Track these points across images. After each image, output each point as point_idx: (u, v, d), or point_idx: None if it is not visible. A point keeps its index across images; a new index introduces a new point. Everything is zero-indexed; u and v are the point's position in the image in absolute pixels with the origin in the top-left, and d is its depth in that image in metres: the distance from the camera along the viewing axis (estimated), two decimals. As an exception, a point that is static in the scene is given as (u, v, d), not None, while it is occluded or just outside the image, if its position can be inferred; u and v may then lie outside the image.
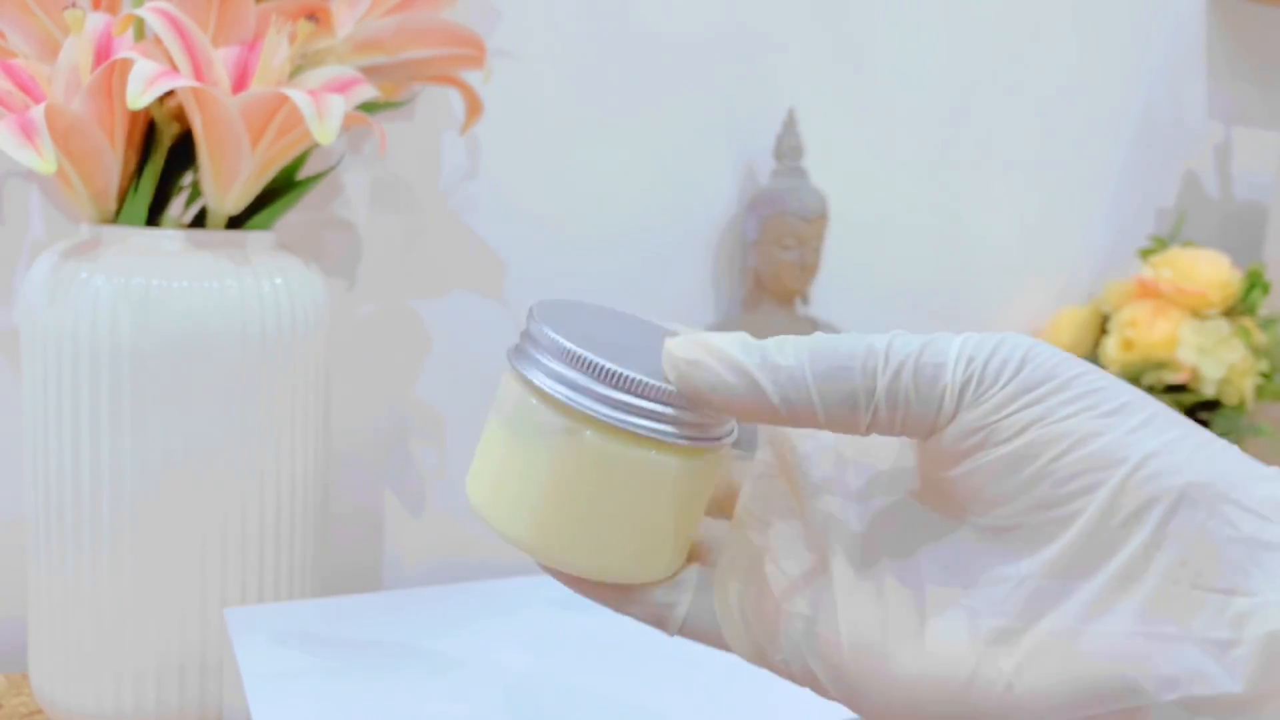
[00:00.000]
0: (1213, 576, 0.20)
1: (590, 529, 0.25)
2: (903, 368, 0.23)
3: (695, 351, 0.24)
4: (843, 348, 0.23)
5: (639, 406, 0.24)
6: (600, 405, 0.25)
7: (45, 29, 0.51)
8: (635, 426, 0.25)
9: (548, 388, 0.25)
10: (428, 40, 0.58)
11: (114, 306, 0.48)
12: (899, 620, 0.23)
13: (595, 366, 0.24)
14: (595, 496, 0.25)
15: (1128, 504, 0.21)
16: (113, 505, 0.49)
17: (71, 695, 0.51)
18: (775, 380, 0.23)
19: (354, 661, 0.44)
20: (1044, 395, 0.22)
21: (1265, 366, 0.87)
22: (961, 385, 0.22)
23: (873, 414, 0.23)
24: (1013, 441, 0.22)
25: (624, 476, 0.25)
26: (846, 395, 0.23)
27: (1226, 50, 1.02)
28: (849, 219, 0.82)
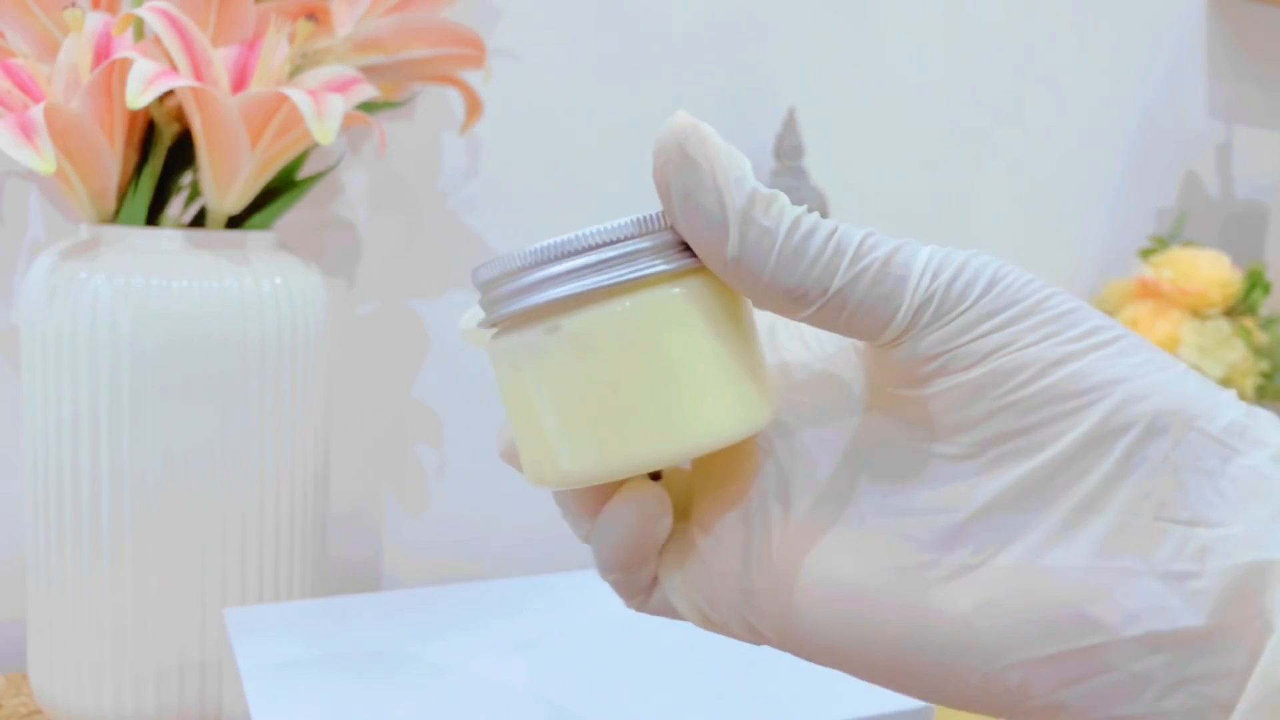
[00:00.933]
0: (1176, 507, 0.19)
1: (649, 405, 0.21)
2: (865, 271, 0.21)
3: (696, 146, 0.21)
4: (819, 234, 0.21)
5: (593, 262, 0.21)
6: (551, 289, 0.22)
7: (45, 28, 0.51)
8: (600, 281, 0.21)
9: (501, 314, 0.23)
10: (427, 40, 0.58)
11: (113, 306, 0.48)
12: (852, 555, 0.22)
13: (526, 256, 0.22)
14: (625, 372, 0.21)
15: (1093, 433, 0.20)
16: (112, 505, 0.49)
17: (71, 695, 0.51)
18: (743, 235, 0.21)
19: (354, 661, 0.44)
20: (1011, 319, 0.21)
21: (1266, 366, 0.87)
22: (921, 302, 0.21)
23: (819, 308, 0.21)
24: (977, 367, 0.21)
25: (638, 335, 0.21)
26: (797, 283, 0.21)
27: (1227, 50, 1.02)
28: (849, 219, 0.82)
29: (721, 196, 0.21)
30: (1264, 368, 0.87)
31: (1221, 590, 0.19)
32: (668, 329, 0.22)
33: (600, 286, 0.21)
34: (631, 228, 0.22)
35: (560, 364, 0.22)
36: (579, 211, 0.75)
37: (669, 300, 0.22)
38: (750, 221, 0.21)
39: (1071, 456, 0.20)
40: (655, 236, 0.22)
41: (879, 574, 0.22)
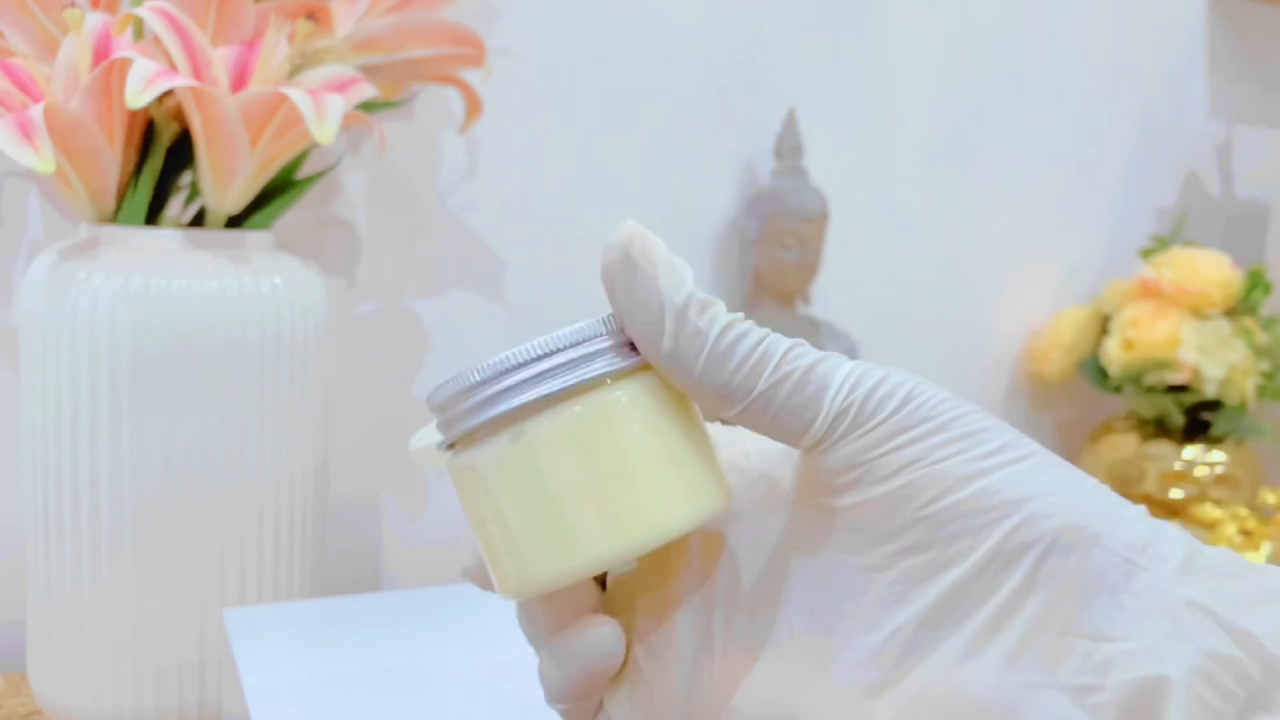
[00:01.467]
0: (1080, 622, 0.20)
1: (615, 499, 0.22)
2: (788, 378, 0.22)
3: (643, 250, 0.22)
4: (747, 340, 0.22)
5: (551, 367, 0.22)
6: (512, 397, 0.22)
7: (44, 28, 0.51)
8: (562, 384, 0.22)
9: (463, 429, 0.23)
10: (427, 39, 0.58)
11: (113, 306, 0.48)
12: (780, 677, 0.23)
13: (483, 371, 0.23)
14: (590, 470, 0.22)
15: (1001, 550, 0.21)
16: (112, 505, 0.49)
17: (71, 696, 0.51)
18: (678, 333, 0.22)
19: (353, 662, 0.44)
20: (923, 434, 0.22)
21: (1266, 366, 0.87)
22: (839, 411, 0.22)
23: (743, 408, 0.22)
24: (891, 480, 0.22)
25: (596, 434, 0.23)
26: (724, 383, 0.22)
27: (1228, 50, 1.02)
28: (849, 219, 0.82)
29: (660, 296, 0.22)
30: (1264, 368, 0.87)
31: (1121, 704, 0.19)
32: (625, 425, 0.23)
33: (563, 389, 0.22)
34: (584, 332, 0.23)
35: (526, 469, 0.23)
36: (579, 211, 0.75)
37: (625, 397, 0.23)
38: (685, 321, 0.22)
39: (980, 573, 0.21)
40: (609, 338, 0.23)
41: (807, 694, 0.22)
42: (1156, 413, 0.88)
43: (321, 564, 0.57)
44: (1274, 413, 0.96)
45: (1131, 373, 0.87)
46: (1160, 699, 0.19)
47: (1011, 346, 0.95)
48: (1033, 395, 0.97)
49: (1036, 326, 0.95)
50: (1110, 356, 0.88)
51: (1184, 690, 0.19)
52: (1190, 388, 0.86)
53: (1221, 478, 0.87)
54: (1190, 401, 0.87)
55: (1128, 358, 0.87)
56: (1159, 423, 0.89)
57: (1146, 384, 0.87)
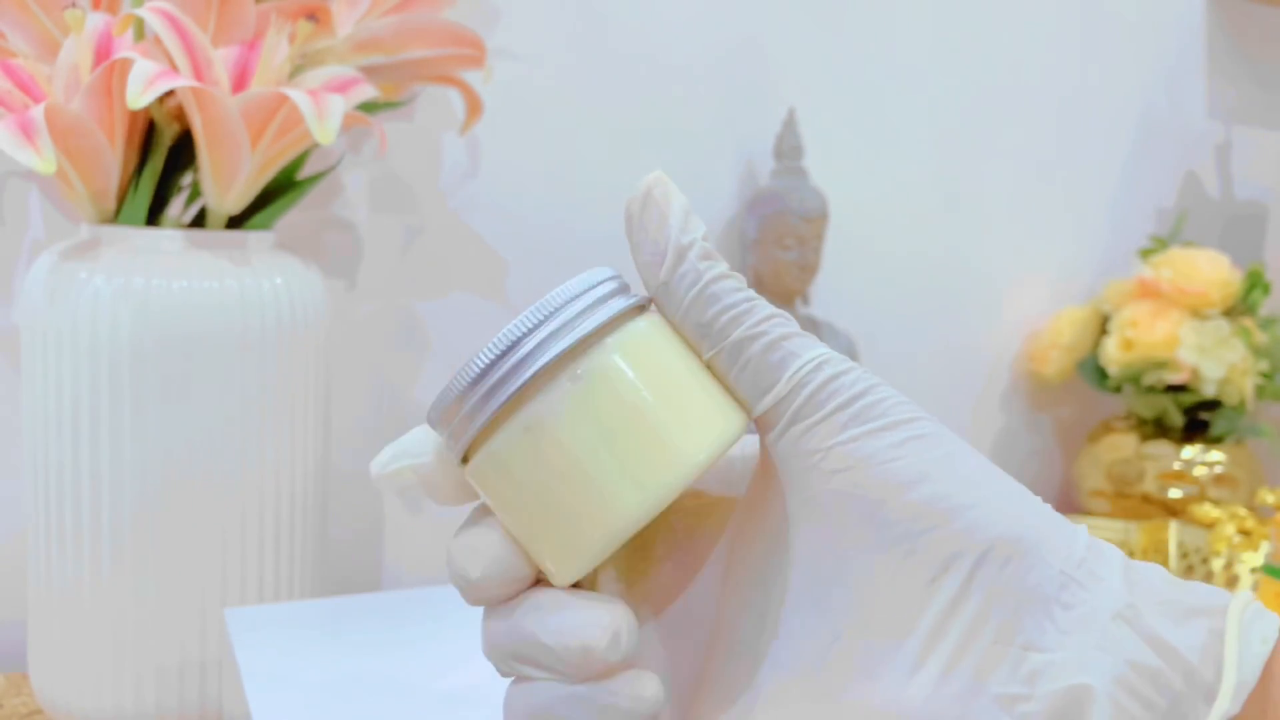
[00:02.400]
0: (1011, 632, 0.20)
1: (665, 429, 0.22)
2: (762, 335, 0.23)
3: (664, 194, 0.24)
4: (737, 292, 0.23)
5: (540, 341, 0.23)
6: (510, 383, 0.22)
7: (45, 29, 0.51)
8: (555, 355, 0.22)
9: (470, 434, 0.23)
10: (428, 40, 0.58)
11: (114, 306, 0.48)
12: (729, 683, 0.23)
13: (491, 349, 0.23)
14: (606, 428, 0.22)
15: (939, 554, 0.21)
16: (112, 505, 0.49)
17: (71, 695, 0.51)
18: (674, 267, 0.23)
19: (354, 662, 0.44)
20: (876, 430, 0.22)
21: (1265, 366, 0.87)
22: (798, 383, 0.22)
23: (717, 351, 0.23)
24: (840, 476, 0.22)
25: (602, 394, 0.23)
26: (706, 322, 0.23)
27: (1227, 50, 1.02)
28: (849, 219, 0.82)
29: (669, 233, 0.23)
30: (1263, 368, 0.87)
31: (1047, 713, 0.20)
32: (655, 352, 0.23)
33: (556, 357, 0.22)
34: (564, 294, 0.23)
35: (545, 450, 0.23)
36: (578, 211, 0.75)
37: (643, 328, 0.23)
38: (683, 259, 0.23)
39: (918, 577, 0.21)
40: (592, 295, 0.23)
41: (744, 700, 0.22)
42: (1155, 413, 0.89)
43: (322, 564, 0.57)
44: (1273, 412, 0.96)
45: (1130, 373, 0.87)
46: (1084, 707, 0.20)
47: (1011, 346, 0.95)
48: (1032, 395, 0.97)
49: (1036, 326, 0.95)
50: (1109, 356, 0.88)
51: (1106, 699, 0.19)
52: (1189, 388, 0.86)
53: (1220, 477, 0.87)
54: (1189, 401, 0.87)
55: (1127, 358, 0.87)
56: (1158, 423, 0.90)
57: (1145, 384, 0.87)
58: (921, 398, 0.97)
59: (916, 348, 0.90)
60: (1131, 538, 0.82)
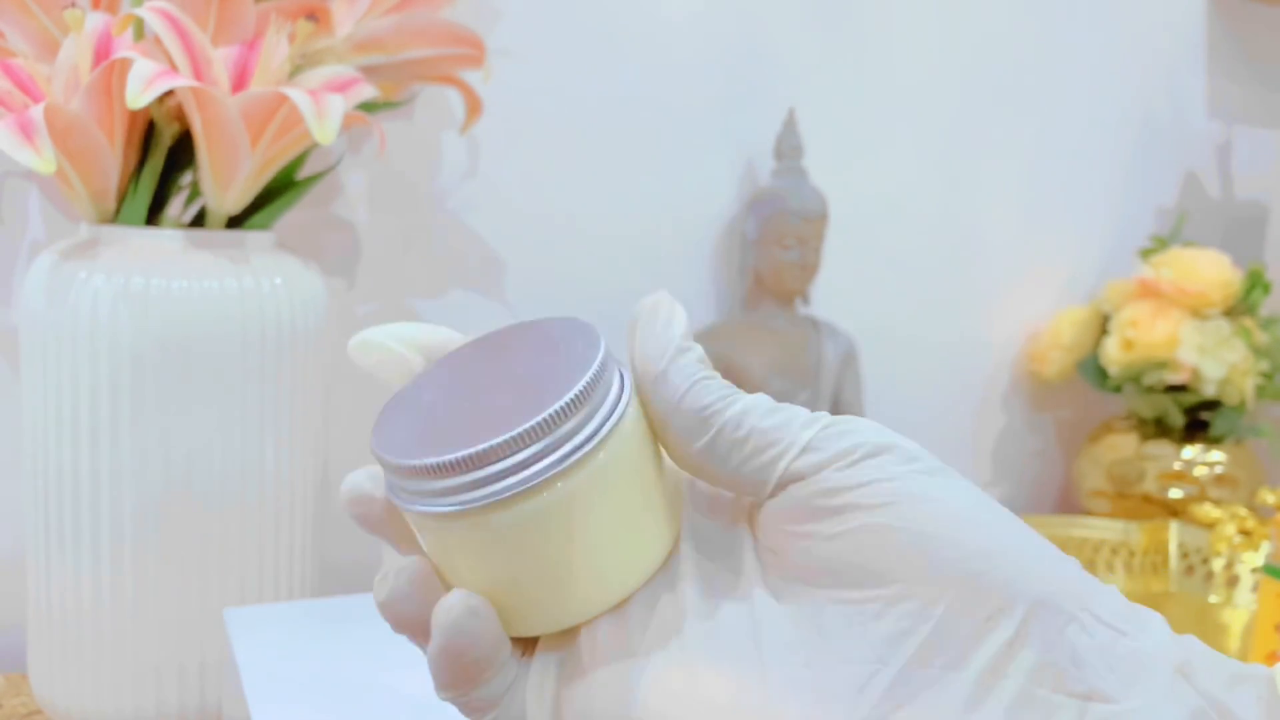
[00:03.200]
0: (1072, 681, 0.20)
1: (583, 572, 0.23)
2: (758, 406, 0.23)
3: (666, 306, 0.24)
4: (723, 383, 0.24)
5: (508, 466, 0.22)
6: (481, 489, 0.22)
7: (45, 28, 0.51)
8: (536, 477, 0.22)
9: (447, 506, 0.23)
10: (427, 40, 0.58)
11: (113, 306, 0.48)
12: (748, 700, 0.22)
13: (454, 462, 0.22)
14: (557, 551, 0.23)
15: (992, 595, 0.21)
16: (112, 505, 0.49)
17: (71, 695, 0.51)
18: (672, 360, 0.23)
19: (354, 661, 0.44)
20: (917, 471, 0.22)
21: (1266, 366, 0.87)
22: (811, 439, 0.23)
23: (718, 430, 0.23)
24: (878, 512, 0.21)
25: (572, 514, 0.23)
26: (707, 404, 0.23)
27: (1227, 50, 1.02)
28: (849, 219, 0.82)
29: (673, 334, 0.24)
30: (1264, 368, 0.87)
31: None
32: (600, 499, 0.23)
33: (532, 485, 0.22)
34: (546, 427, 0.22)
35: (493, 548, 0.23)
36: (579, 211, 0.75)
37: (589, 478, 0.23)
38: (683, 354, 0.24)
39: (974, 616, 0.21)
40: (572, 419, 0.23)
41: None
42: (1156, 413, 0.88)
43: (321, 564, 0.57)
44: (1273, 412, 0.96)
45: (1131, 373, 0.87)
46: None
47: (1011, 346, 0.95)
48: (1032, 395, 0.97)
49: (1036, 326, 0.95)
50: (1110, 356, 0.88)
51: None
52: (1189, 388, 0.86)
53: (1221, 477, 0.87)
54: (1189, 401, 0.87)
55: (1127, 358, 0.87)
56: (1158, 423, 0.90)
57: (1146, 384, 0.87)
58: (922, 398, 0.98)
59: (917, 348, 0.90)
60: (1132, 538, 0.82)
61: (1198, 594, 0.80)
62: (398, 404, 0.25)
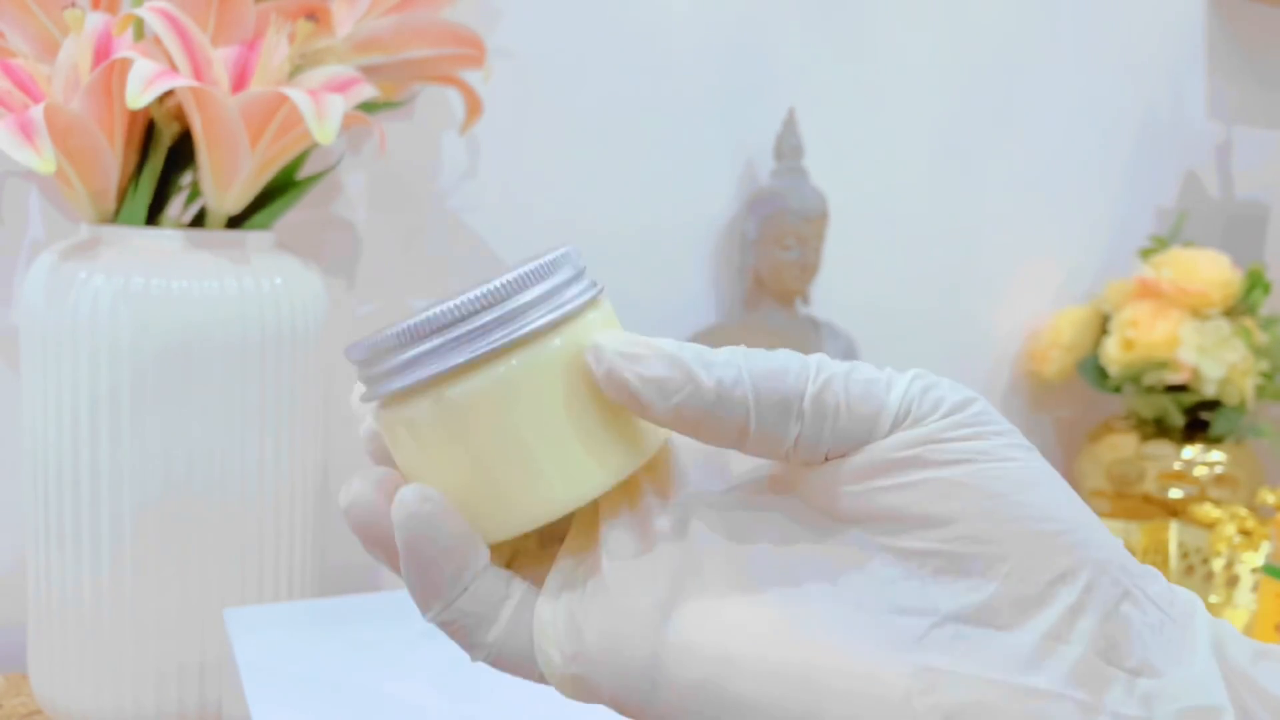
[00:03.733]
0: (1123, 654, 0.20)
1: (545, 460, 0.23)
2: (833, 379, 0.22)
3: (629, 344, 0.22)
4: (777, 356, 0.22)
5: (486, 322, 0.22)
6: (441, 358, 0.22)
7: (45, 28, 0.51)
8: (491, 344, 0.22)
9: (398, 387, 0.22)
10: (427, 40, 0.58)
11: (113, 306, 0.48)
12: (785, 633, 0.22)
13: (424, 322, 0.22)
14: (520, 430, 0.22)
15: (1059, 562, 0.21)
16: (112, 505, 0.49)
17: (71, 695, 0.51)
18: (710, 372, 0.22)
19: (354, 661, 0.44)
20: (988, 434, 0.22)
21: (1266, 366, 0.87)
22: (899, 404, 0.22)
23: (800, 421, 0.22)
24: (954, 467, 0.21)
25: (530, 393, 0.22)
26: (780, 397, 0.22)
27: (1227, 50, 1.02)
28: (849, 219, 0.82)
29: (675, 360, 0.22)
30: (1264, 368, 0.87)
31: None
32: (570, 376, 0.23)
33: (489, 350, 0.22)
34: (510, 288, 0.22)
35: (455, 429, 0.22)
36: (579, 211, 0.75)
37: (558, 348, 0.23)
38: (712, 364, 0.22)
39: (1038, 579, 0.21)
40: (533, 291, 0.22)
41: (823, 661, 0.21)
42: (1156, 412, 0.88)
43: (321, 564, 0.57)
44: (1273, 412, 0.96)
45: (1131, 372, 0.87)
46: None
47: (1011, 346, 0.95)
48: (1032, 395, 0.97)
49: (1036, 326, 0.95)
50: (1110, 356, 0.88)
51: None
52: (1189, 388, 0.86)
53: (1221, 477, 0.87)
54: (1189, 401, 0.87)
55: (1127, 357, 0.87)
56: (1158, 422, 0.90)
57: (1146, 384, 0.87)
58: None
59: (916, 347, 0.90)
60: (1132, 538, 0.82)
61: (1198, 594, 0.80)
62: None
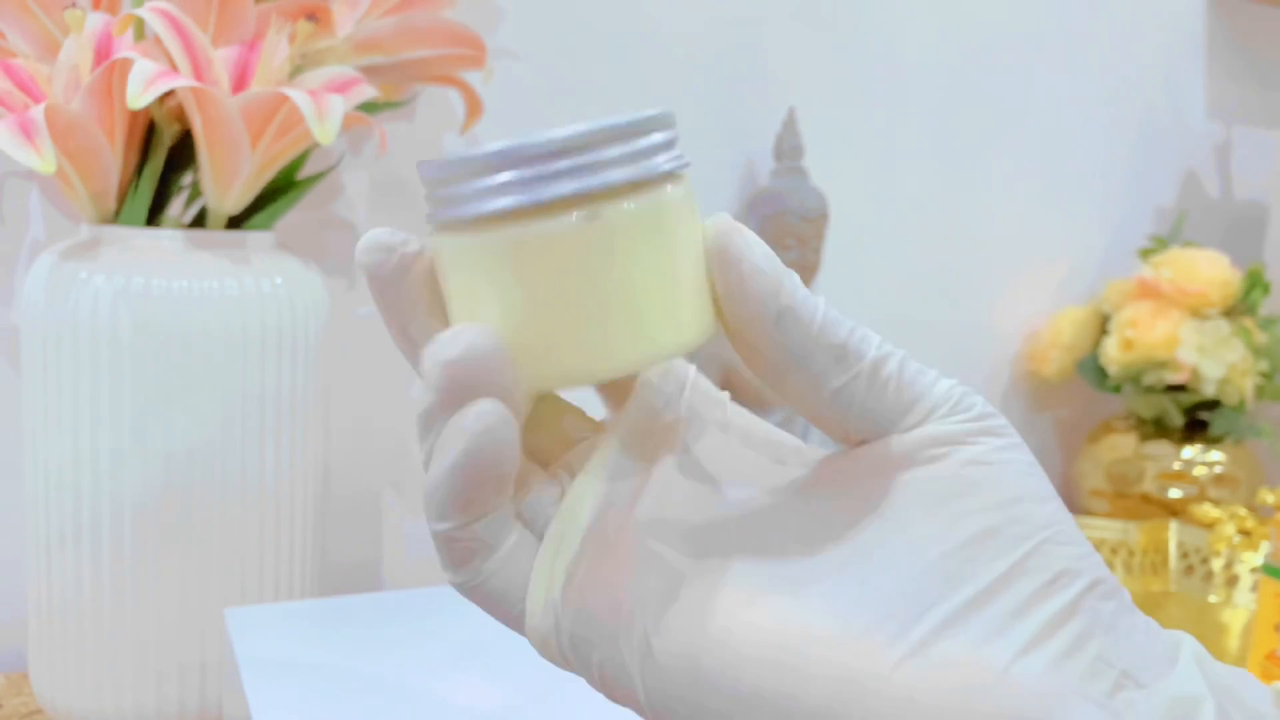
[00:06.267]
0: (1114, 654, 0.21)
1: (666, 301, 0.22)
2: (891, 356, 0.23)
3: (741, 228, 0.24)
4: (853, 324, 0.24)
5: (646, 146, 0.22)
6: (582, 177, 0.21)
7: (45, 29, 0.51)
8: (646, 172, 0.22)
9: (535, 200, 0.21)
10: (428, 40, 0.58)
11: (114, 306, 0.48)
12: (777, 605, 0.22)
13: (556, 139, 0.21)
14: (651, 262, 0.22)
15: (1058, 566, 0.22)
16: (112, 505, 0.49)
17: (71, 695, 0.51)
18: (794, 290, 0.23)
19: (354, 661, 0.44)
20: (1012, 444, 0.23)
21: (1265, 366, 0.87)
22: (941, 398, 0.23)
23: (851, 377, 0.23)
24: (978, 468, 0.23)
25: (667, 226, 0.23)
26: (840, 344, 0.23)
27: (1226, 50, 1.02)
28: (849, 219, 0.82)
29: (773, 263, 0.23)
30: (1263, 368, 0.87)
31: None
32: (685, 220, 0.23)
33: (626, 181, 0.22)
34: (637, 126, 0.22)
35: (599, 251, 0.22)
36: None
37: (682, 195, 0.23)
38: (796, 284, 0.23)
39: (1040, 577, 0.22)
40: (658, 135, 0.22)
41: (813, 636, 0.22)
42: (1155, 412, 0.89)
43: (322, 564, 0.57)
44: (1273, 413, 0.96)
45: (1130, 372, 0.87)
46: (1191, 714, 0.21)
47: (1011, 346, 0.95)
48: (1032, 395, 0.97)
49: (1036, 326, 0.95)
50: (1109, 356, 0.88)
51: (1214, 712, 0.21)
52: (1189, 388, 0.86)
53: (1220, 477, 0.87)
54: (1189, 401, 0.87)
55: (1127, 357, 0.87)
56: (1158, 422, 0.90)
57: (1145, 384, 0.87)
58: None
59: (916, 347, 0.89)
60: (1131, 538, 0.82)
61: (1197, 594, 0.80)
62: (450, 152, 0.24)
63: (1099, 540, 0.83)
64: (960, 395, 0.24)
